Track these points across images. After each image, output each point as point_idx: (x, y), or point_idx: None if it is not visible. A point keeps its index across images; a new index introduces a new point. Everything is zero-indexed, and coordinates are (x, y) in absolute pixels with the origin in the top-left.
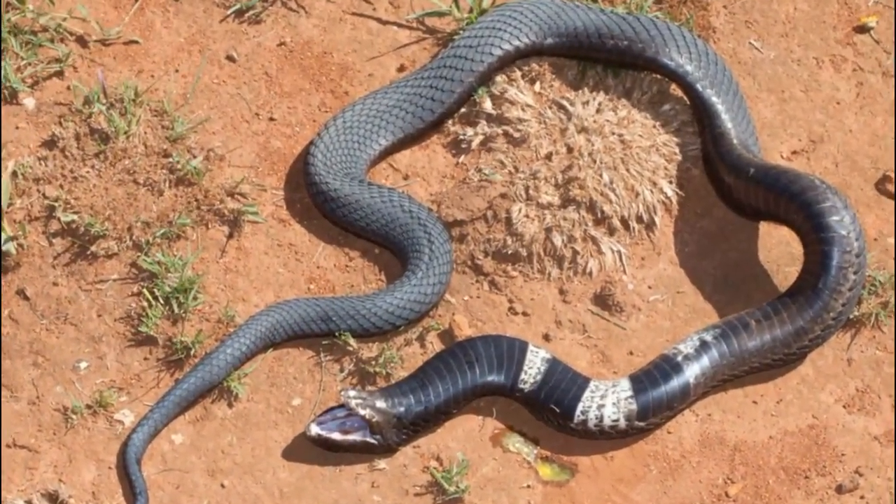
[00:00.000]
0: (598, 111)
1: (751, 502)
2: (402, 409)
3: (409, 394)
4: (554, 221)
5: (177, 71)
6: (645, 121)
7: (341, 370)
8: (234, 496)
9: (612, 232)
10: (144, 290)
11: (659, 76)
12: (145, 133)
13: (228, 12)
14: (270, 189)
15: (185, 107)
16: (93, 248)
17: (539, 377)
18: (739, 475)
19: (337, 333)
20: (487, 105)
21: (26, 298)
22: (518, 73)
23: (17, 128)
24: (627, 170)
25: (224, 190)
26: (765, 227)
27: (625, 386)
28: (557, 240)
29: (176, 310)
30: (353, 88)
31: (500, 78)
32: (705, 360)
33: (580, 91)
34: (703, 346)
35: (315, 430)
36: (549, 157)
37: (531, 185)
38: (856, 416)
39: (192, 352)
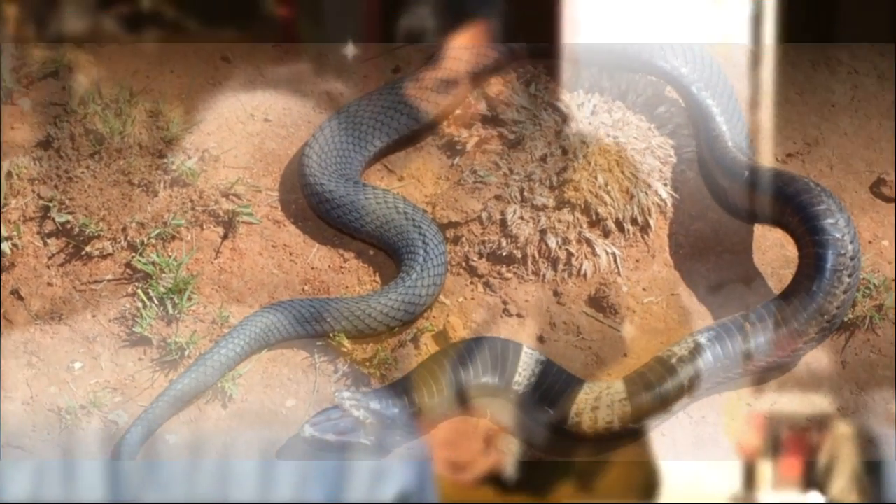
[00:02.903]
0: (593, 113)
1: None
2: (396, 410)
3: (404, 395)
4: (549, 223)
5: (172, 72)
6: (640, 123)
7: (335, 371)
8: None
9: (606, 234)
10: (139, 291)
11: (654, 78)
12: (140, 133)
13: None
14: (265, 190)
15: (180, 107)
16: (87, 249)
17: (533, 379)
18: None
19: (331, 334)
20: (482, 107)
21: (21, 298)
22: (513, 75)
23: (12, 128)
24: (622, 172)
25: (219, 191)
26: (759, 230)
27: (619, 388)
28: (552, 242)
29: (170, 310)
30: (348, 90)
31: (495, 80)
32: (699, 363)
33: (575, 93)
34: (698, 349)
35: (309, 431)
36: (543, 158)
37: (526, 187)
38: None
39: (186, 353)
